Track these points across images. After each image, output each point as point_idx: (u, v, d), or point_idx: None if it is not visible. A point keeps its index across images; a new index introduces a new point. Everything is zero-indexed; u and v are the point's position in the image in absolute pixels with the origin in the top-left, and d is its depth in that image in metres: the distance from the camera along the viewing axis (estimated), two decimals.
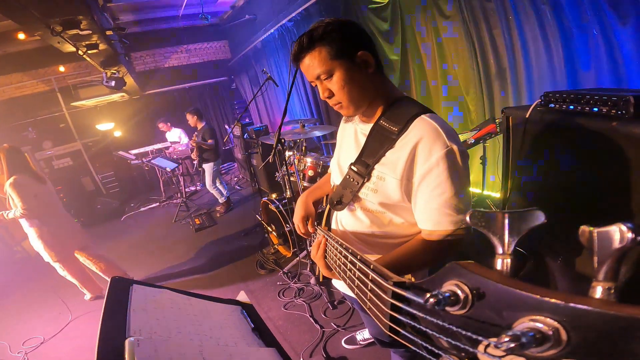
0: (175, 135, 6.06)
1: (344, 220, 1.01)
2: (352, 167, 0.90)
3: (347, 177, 0.92)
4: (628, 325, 0.20)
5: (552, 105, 1.24)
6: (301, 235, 1.12)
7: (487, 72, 2.60)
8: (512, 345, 0.23)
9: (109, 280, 0.82)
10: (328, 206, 1.06)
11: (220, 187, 4.75)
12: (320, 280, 1.06)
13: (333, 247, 0.75)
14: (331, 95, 0.84)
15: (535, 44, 2.17)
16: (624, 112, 0.92)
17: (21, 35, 4.21)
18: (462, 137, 2.45)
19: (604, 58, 1.76)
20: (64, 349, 2.48)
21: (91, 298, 2.99)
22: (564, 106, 1.17)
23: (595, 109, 1.02)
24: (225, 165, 7.54)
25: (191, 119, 4.55)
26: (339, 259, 0.69)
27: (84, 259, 2.90)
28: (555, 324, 0.23)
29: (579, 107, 1.09)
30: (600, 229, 0.24)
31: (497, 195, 2.77)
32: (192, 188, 6.44)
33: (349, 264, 0.61)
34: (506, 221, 0.31)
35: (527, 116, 1.35)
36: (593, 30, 1.76)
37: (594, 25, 1.74)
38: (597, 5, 1.69)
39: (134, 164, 5.99)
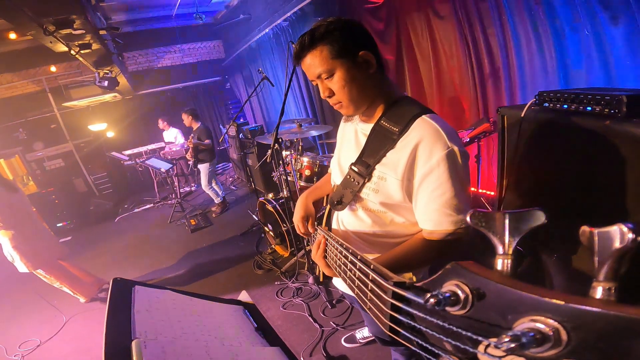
0: (172, 135, 6.01)
1: (346, 220, 1.01)
2: (353, 167, 0.91)
3: (348, 177, 0.92)
4: (628, 326, 0.20)
5: (547, 104, 1.26)
6: (301, 235, 1.13)
7: (481, 71, 2.63)
8: (513, 345, 0.24)
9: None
10: (328, 206, 1.07)
11: (216, 188, 4.73)
12: (321, 280, 1.06)
13: (333, 247, 0.75)
14: (332, 94, 0.83)
15: (529, 44, 2.21)
16: (616, 111, 0.94)
17: (12, 35, 4.13)
18: None
19: (596, 57, 1.79)
20: (61, 351, 2.45)
21: (86, 301, 2.95)
22: (558, 105, 1.19)
23: (589, 108, 1.04)
24: (220, 165, 7.50)
25: (186, 119, 4.52)
26: (339, 259, 0.69)
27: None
28: (556, 324, 0.23)
29: (573, 107, 1.11)
30: (600, 229, 0.24)
31: (491, 193, 2.80)
32: (187, 189, 6.39)
33: (349, 264, 0.61)
34: (506, 221, 0.31)
35: (522, 115, 1.37)
36: (585, 30, 1.79)
37: (586, 25, 1.77)
38: (589, 6, 1.72)
39: (128, 165, 5.93)
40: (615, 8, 1.61)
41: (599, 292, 0.24)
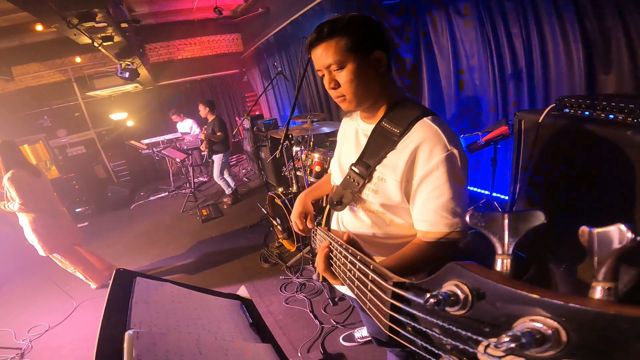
0: (187, 126, 6.13)
1: (346, 220, 1.00)
2: (353, 167, 0.90)
3: (348, 177, 0.92)
4: (628, 326, 0.20)
5: (567, 110, 1.21)
6: (299, 232, 1.12)
7: (502, 72, 2.54)
8: (512, 345, 0.24)
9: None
10: (328, 206, 1.06)
11: (228, 179, 4.80)
12: (321, 279, 1.06)
13: (334, 248, 0.75)
14: (337, 86, 0.83)
15: (554, 46, 2.11)
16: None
17: (39, 27, 4.29)
18: (472, 139, 2.41)
19: (626, 63, 1.69)
20: (68, 336, 2.52)
21: (97, 287, 3.04)
22: (579, 112, 1.13)
23: (611, 116, 0.98)
24: (234, 157, 7.61)
25: (203, 110, 4.59)
26: (338, 259, 0.69)
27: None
28: (555, 324, 0.23)
29: (594, 113, 1.06)
30: (600, 229, 0.24)
31: (505, 197, 2.72)
32: (201, 179, 6.52)
33: (348, 264, 0.62)
34: (506, 221, 0.31)
35: (539, 120, 1.32)
36: (617, 33, 1.69)
37: (617, 28, 1.67)
38: (622, 7, 1.62)
39: (145, 154, 6.09)
40: None
41: (598, 292, 0.24)
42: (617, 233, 0.23)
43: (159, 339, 0.64)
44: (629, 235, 0.22)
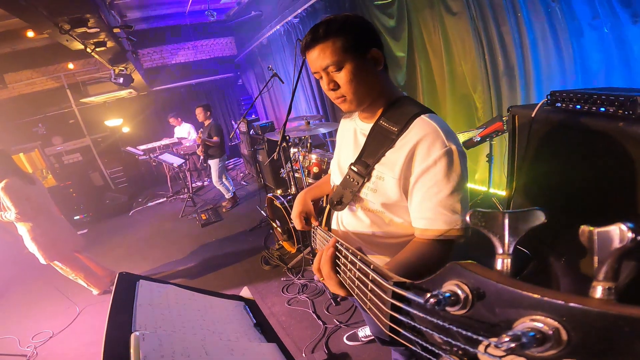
0: (185, 131, 6.11)
1: (345, 220, 1.01)
2: (352, 167, 0.90)
3: (347, 177, 0.92)
4: (628, 325, 0.20)
5: (559, 104, 1.23)
6: (300, 229, 1.12)
7: (495, 69, 2.57)
8: (513, 345, 0.24)
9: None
10: (328, 206, 1.07)
11: (227, 183, 4.79)
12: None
13: (339, 252, 0.74)
14: (336, 87, 0.82)
15: (545, 42, 2.14)
16: (630, 112, 0.91)
17: (30, 33, 4.27)
18: (468, 135, 2.44)
19: (615, 57, 1.73)
20: (73, 343, 2.51)
21: (99, 294, 3.03)
22: (571, 105, 1.16)
23: (602, 109, 1.01)
24: (231, 160, 7.59)
25: (200, 114, 4.57)
26: (339, 259, 0.69)
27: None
28: (556, 323, 0.23)
29: (586, 107, 1.08)
30: (600, 228, 0.24)
31: (502, 193, 2.75)
32: (199, 183, 6.50)
33: (349, 264, 0.61)
34: (506, 221, 0.31)
35: (532, 115, 1.34)
36: (604, 28, 1.72)
37: (605, 24, 1.71)
38: (609, 3, 1.65)
39: (142, 160, 6.06)
40: (636, 6, 1.54)
41: (598, 291, 0.24)
42: (618, 233, 0.23)
43: (165, 340, 0.65)
44: (630, 235, 0.22)
